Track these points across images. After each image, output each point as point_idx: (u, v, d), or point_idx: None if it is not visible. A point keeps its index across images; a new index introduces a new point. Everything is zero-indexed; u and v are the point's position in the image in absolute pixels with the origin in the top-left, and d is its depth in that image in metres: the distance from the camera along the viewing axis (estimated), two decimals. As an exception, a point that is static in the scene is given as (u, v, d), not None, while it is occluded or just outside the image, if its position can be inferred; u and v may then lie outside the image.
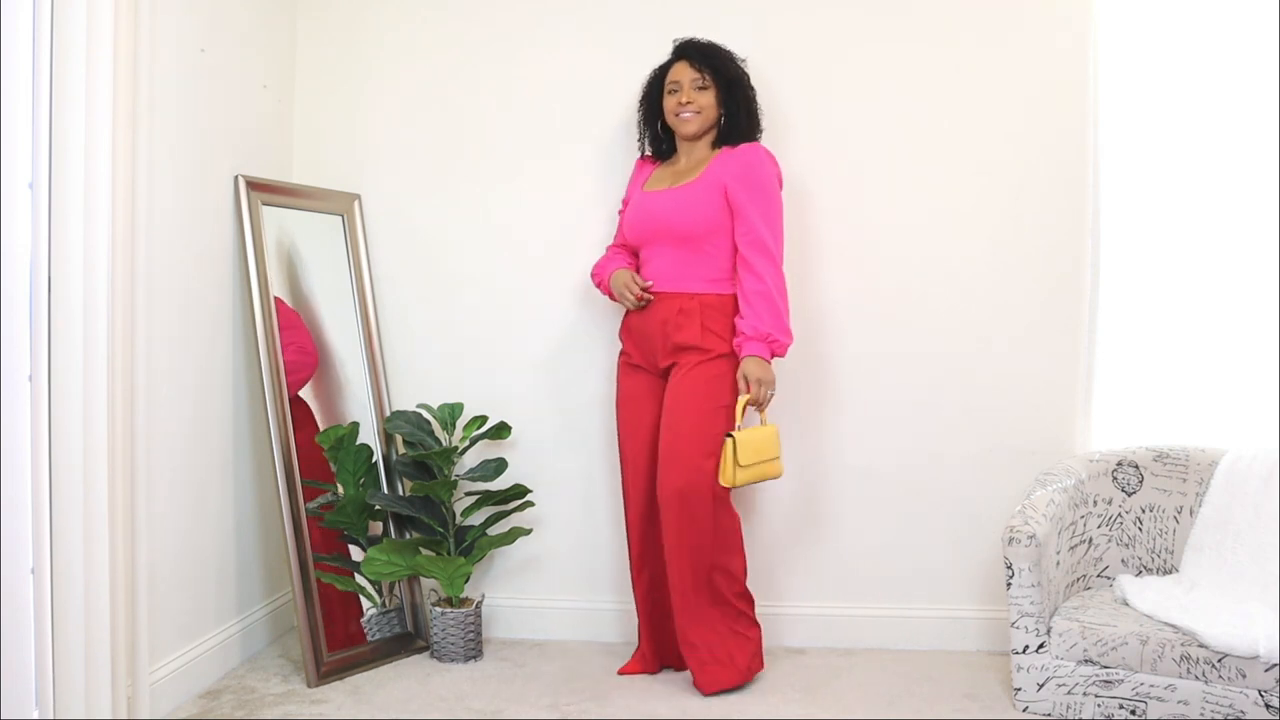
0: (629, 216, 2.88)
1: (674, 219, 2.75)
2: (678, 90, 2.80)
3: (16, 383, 2.03)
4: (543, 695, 2.72)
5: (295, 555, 2.80)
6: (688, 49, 2.83)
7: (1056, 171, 3.03)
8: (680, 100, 2.79)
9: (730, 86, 2.80)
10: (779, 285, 2.70)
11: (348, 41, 3.21)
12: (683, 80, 2.79)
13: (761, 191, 2.72)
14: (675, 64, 2.84)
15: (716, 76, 2.79)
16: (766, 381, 2.68)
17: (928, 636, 3.08)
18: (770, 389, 2.69)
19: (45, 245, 2.06)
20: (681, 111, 2.79)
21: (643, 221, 2.82)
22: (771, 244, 2.70)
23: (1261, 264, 2.96)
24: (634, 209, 2.86)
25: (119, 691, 2.27)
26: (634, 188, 2.94)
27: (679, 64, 2.83)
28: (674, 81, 2.81)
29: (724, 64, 2.80)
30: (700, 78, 2.78)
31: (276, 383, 2.84)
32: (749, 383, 2.66)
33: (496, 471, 3.02)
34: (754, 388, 2.66)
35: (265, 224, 2.92)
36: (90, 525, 2.15)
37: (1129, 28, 3.00)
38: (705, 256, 2.74)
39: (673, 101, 2.81)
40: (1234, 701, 2.41)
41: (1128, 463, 2.92)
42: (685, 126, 2.80)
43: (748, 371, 2.67)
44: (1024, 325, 3.05)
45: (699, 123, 2.79)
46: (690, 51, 2.82)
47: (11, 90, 1.99)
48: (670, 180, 2.85)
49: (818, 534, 3.12)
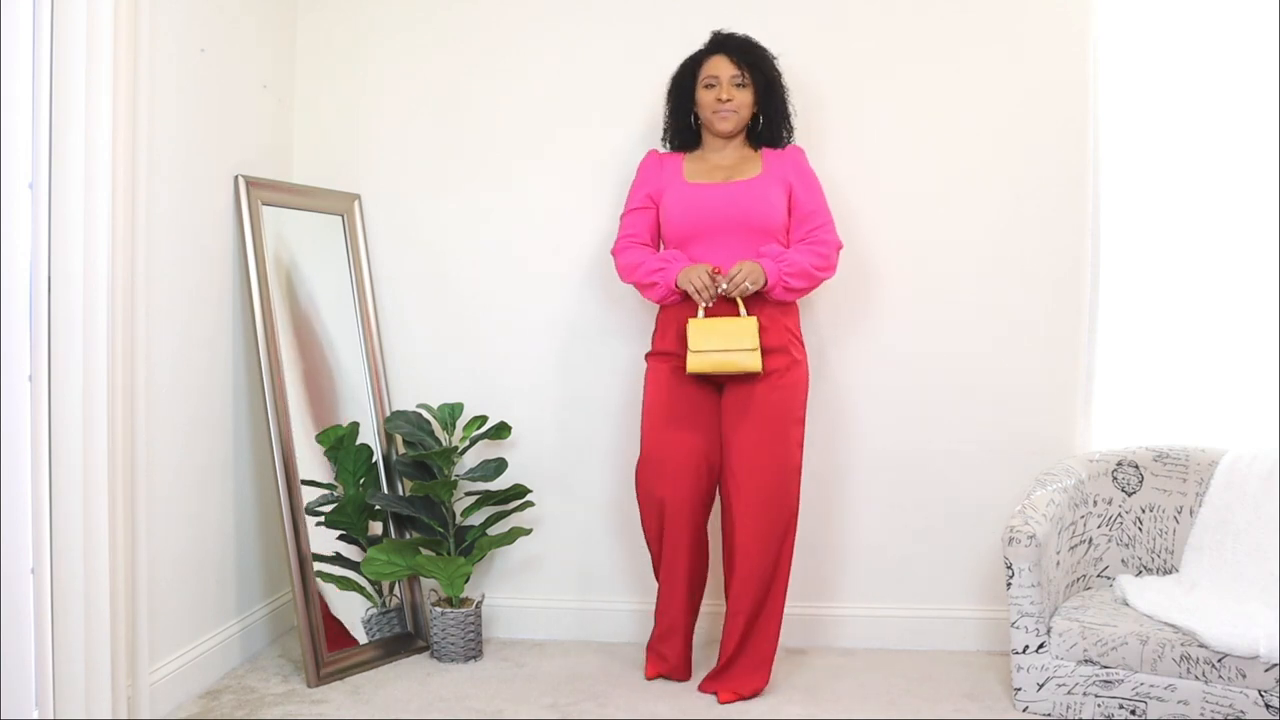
0: (678, 207, 2.72)
1: (754, 209, 2.67)
2: (715, 85, 2.72)
3: (16, 383, 2.03)
4: (543, 695, 2.72)
5: (295, 555, 2.80)
6: (728, 44, 2.74)
7: (1057, 171, 3.03)
8: (719, 97, 2.71)
9: (769, 86, 2.75)
10: (829, 268, 2.72)
11: (348, 42, 3.21)
12: (721, 76, 2.72)
13: (820, 194, 2.78)
14: (712, 57, 2.74)
15: (755, 75, 2.73)
16: (752, 277, 2.59)
17: (928, 636, 3.08)
18: (747, 283, 2.58)
19: (45, 245, 2.07)
20: (721, 109, 2.73)
21: (704, 213, 2.69)
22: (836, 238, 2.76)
23: (1261, 264, 2.96)
24: (688, 200, 2.72)
25: (119, 691, 2.27)
26: (661, 179, 2.80)
27: (717, 58, 2.74)
28: (712, 76, 2.73)
29: (764, 62, 2.74)
30: (740, 74, 2.71)
31: (276, 383, 2.84)
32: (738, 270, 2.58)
33: (496, 471, 3.02)
34: (735, 273, 2.58)
35: (265, 224, 2.92)
36: (90, 525, 2.15)
37: (1129, 28, 3.01)
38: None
39: (710, 96, 2.73)
40: (1234, 701, 2.41)
41: (1128, 463, 2.92)
42: (723, 124, 2.74)
43: (746, 263, 2.60)
44: (1024, 325, 3.05)
45: (736, 121, 2.75)
46: (730, 47, 2.74)
47: (11, 90, 1.99)
48: (721, 175, 2.76)
49: (818, 534, 3.12)
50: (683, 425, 2.72)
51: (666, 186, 2.79)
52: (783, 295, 2.66)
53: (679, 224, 2.73)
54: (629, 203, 2.86)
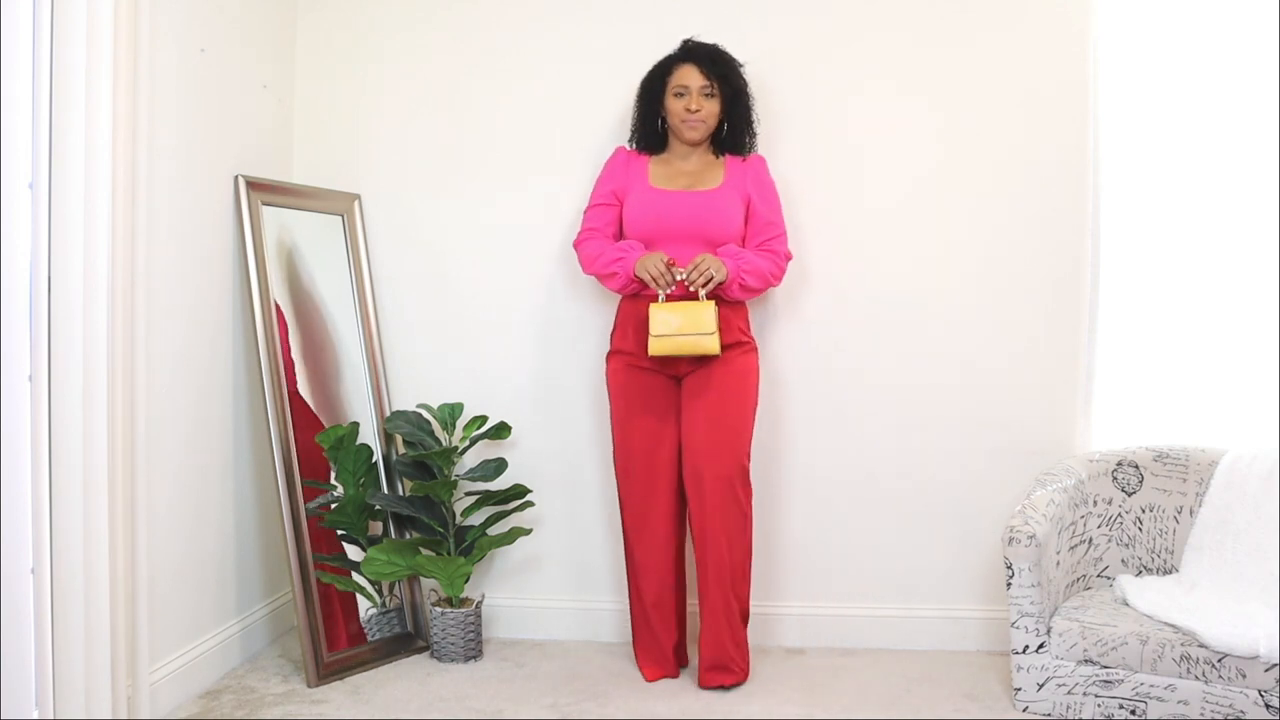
0: (639, 210, 2.81)
1: (712, 221, 2.78)
2: (685, 95, 2.80)
3: (16, 383, 2.03)
4: (543, 695, 2.73)
5: (295, 555, 2.80)
6: (698, 53, 2.81)
7: (1056, 172, 3.03)
8: (689, 107, 2.79)
9: (736, 96, 2.83)
10: (779, 277, 2.85)
11: (348, 42, 3.21)
12: (691, 86, 2.79)
13: (777, 205, 2.89)
14: (682, 66, 2.81)
15: (724, 86, 2.80)
16: (714, 268, 2.66)
17: (928, 636, 3.08)
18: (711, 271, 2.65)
19: (45, 245, 2.07)
20: (689, 119, 2.80)
21: (663, 219, 2.78)
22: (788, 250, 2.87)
23: (1261, 264, 2.96)
24: (649, 205, 2.81)
25: (119, 691, 2.27)
26: (627, 178, 2.87)
27: (687, 67, 2.81)
28: (682, 85, 2.80)
29: (731, 73, 2.81)
30: (709, 85, 2.79)
31: (276, 383, 2.84)
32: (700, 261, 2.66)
33: (496, 471, 3.02)
34: (699, 264, 2.65)
35: (265, 224, 2.92)
36: (90, 525, 2.15)
37: (1129, 28, 3.00)
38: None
39: (679, 106, 2.80)
40: (1234, 701, 2.41)
41: (1128, 463, 2.92)
42: (692, 133, 2.82)
43: (708, 255, 2.67)
44: (1024, 325, 3.05)
45: (704, 130, 2.83)
46: (700, 57, 2.80)
47: (11, 90, 1.99)
48: (683, 182, 2.85)
49: (818, 534, 3.12)
50: (648, 413, 2.81)
51: (630, 187, 2.87)
52: (737, 293, 2.76)
53: (639, 227, 2.82)
54: (593, 197, 2.93)
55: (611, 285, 2.82)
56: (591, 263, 2.84)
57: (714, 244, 2.77)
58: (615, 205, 2.89)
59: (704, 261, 2.67)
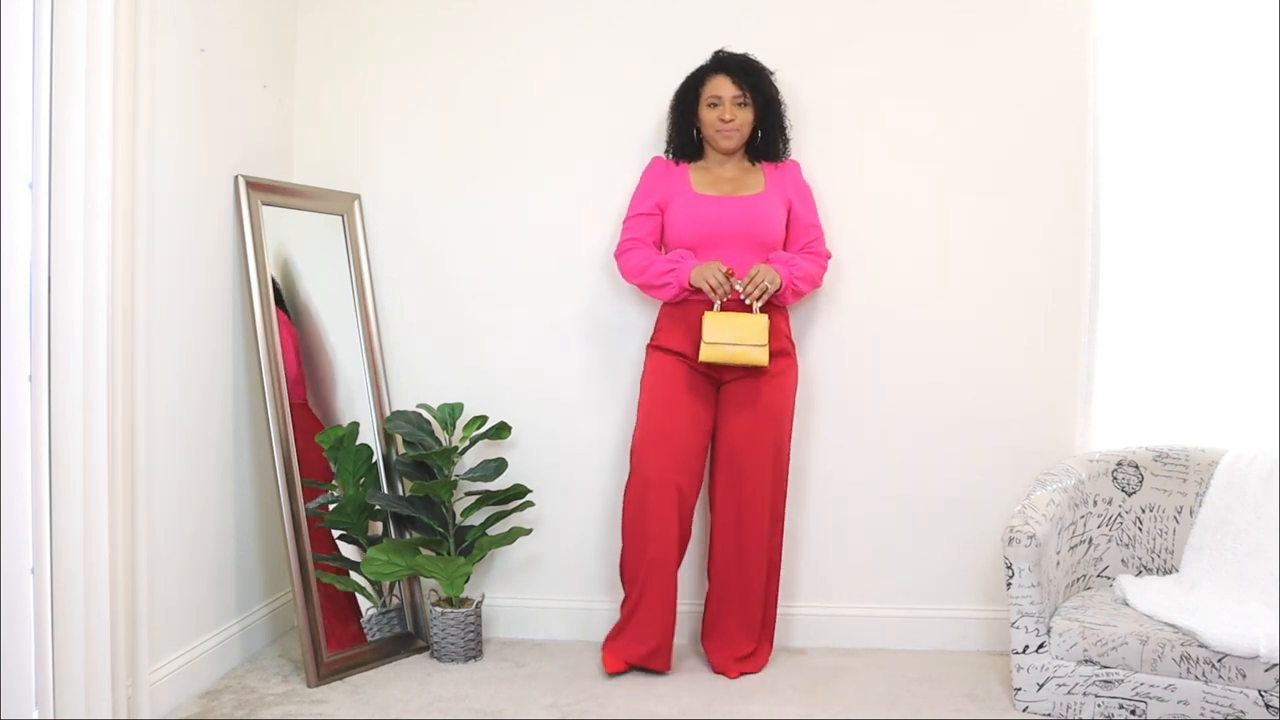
0: (688, 215, 2.84)
1: (762, 225, 2.83)
2: (719, 105, 2.83)
3: (16, 383, 2.02)
4: (543, 695, 2.72)
5: (295, 555, 2.80)
6: (729, 64, 2.85)
7: (1056, 173, 3.03)
8: (722, 116, 2.82)
9: (768, 104, 2.87)
10: (822, 277, 2.94)
11: (348, 42, 3.21)
12: (724, 96, 2.82)
13: (814, 206, 2.97)
14: (715, 76, 2.85)
15: (756, 95, 2.84)
16: (770, 278, 2.73)
17: (928, 636, 3.08)
18: (766, 284, 2.72)
19: (45, 245, 2.07)
20: (724, 129, 2.83)
21: (715, 223, 2.82)
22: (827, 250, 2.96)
23: (1261, 265, 2.97)
24: (698, 210, 2.84)
25: (119, 691, 2.27)
26: (670, 187, 2.90)
27: (719, 77, 2.84)
28: (715, 95, 2.84)
29: (763, 82, 2.85)
30: (741, 95, 2.83)
31: (276, 383, 2.84)
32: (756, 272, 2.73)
33: (496, 471, 3.02)
34: (755, 274, 2.73)
35: (265, 224, 2.92)
36: (90, 525, 2.15)
37: (1129, 28, 3.01)
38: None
39: (713, 116, 2.84)
40: (1234, 701, 2.42)
41: (1128, 463, 2.92)
42: (726, 142, 2.86)
43: (763, 266, 2.75)
44: (1024, 325, 3.05)
45: (738, 139, 2.87)
46: (732, 67, 2.84)
47: (11, 90, 1.99)
48: (727, 188, 2.89)
49: (818, 534, 3.12)
50: (683, 408, 2.83)
51: (674, 195, 2.89)
52: (789, 299, 2.84)
53: (689, 232, 2.84)
54: (634, 207, 2.93)
55: (662, 295, 2.85)
56: (640, 273, 2.86)
57: (764, 247, 2.83)
58: (657, 215, 2.92)
59: (760, 274, 2.73)
